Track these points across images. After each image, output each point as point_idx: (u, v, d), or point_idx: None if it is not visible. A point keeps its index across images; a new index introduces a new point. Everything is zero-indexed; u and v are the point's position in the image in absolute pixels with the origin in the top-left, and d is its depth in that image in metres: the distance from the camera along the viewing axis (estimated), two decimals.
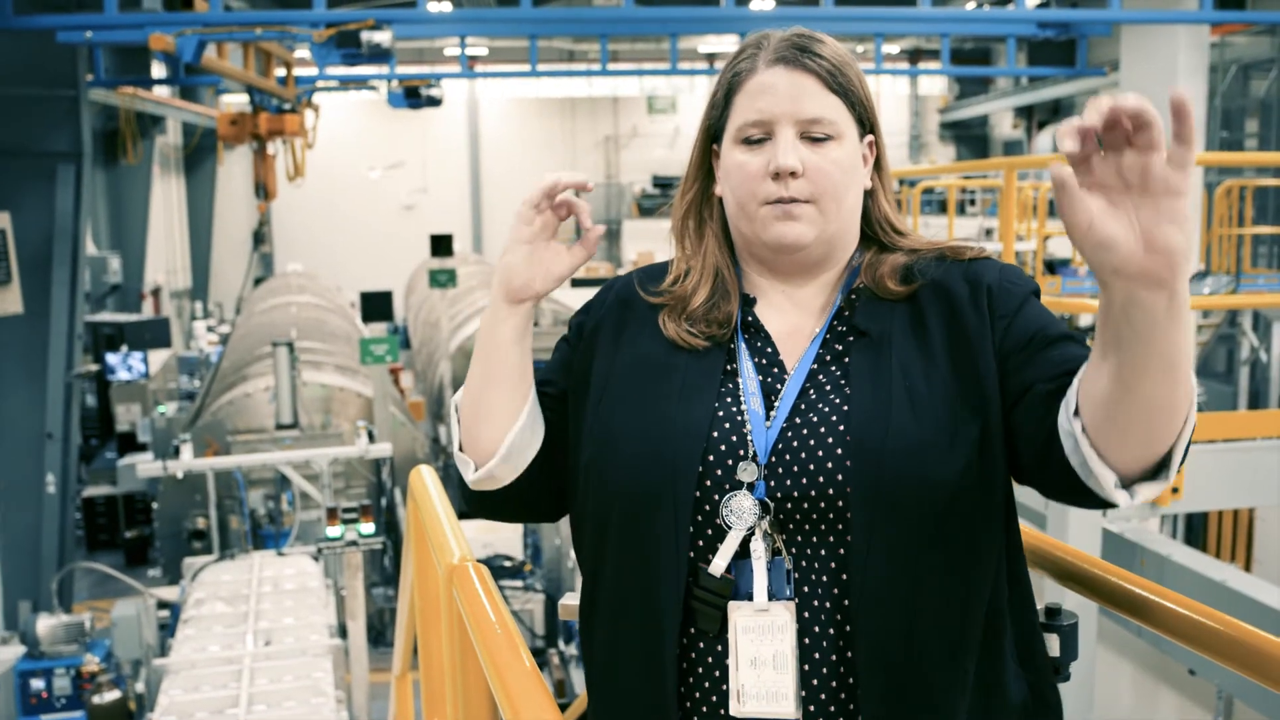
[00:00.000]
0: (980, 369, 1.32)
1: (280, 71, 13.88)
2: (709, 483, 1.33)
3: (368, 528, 6.64)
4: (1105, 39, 13.32)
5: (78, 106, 9.61)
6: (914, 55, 28.29)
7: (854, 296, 1.43)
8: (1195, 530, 7.80)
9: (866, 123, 1.44)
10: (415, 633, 2.37)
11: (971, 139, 29.19)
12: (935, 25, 13.30)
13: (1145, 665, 5.81)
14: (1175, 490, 4.34)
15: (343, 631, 6.40)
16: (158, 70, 15.25)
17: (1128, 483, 1.19)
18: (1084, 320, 11.26)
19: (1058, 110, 25.38)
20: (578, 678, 7.53)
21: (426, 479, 2.15)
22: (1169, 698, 5.74)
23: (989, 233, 15.74)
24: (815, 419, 1.34)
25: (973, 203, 22.29)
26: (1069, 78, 19.41)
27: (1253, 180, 11.15)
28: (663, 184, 27.33)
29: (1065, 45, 14.62)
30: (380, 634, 9.84)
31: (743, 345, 1.43)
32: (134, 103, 16.18)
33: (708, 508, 1.33)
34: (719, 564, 1.31)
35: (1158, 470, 1.18)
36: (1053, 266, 11.51)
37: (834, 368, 1.38)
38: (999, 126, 28.49)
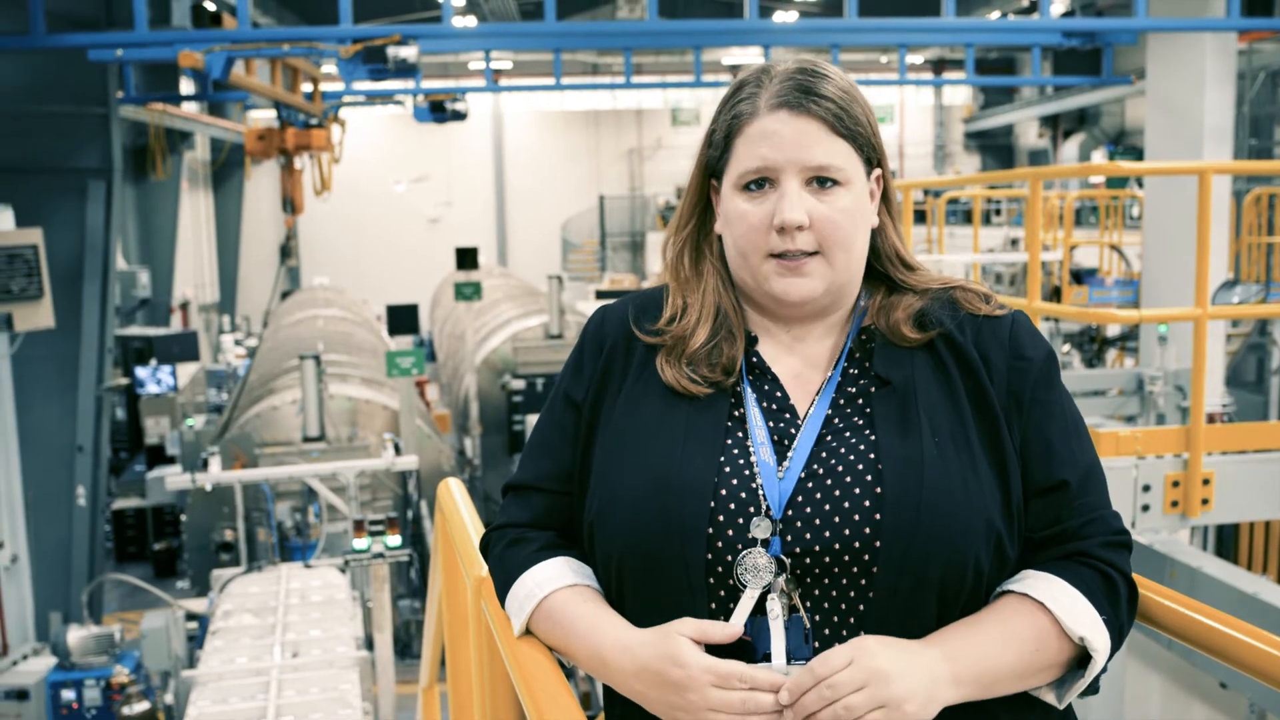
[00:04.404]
0: (1005, 450, 1.29)
1: (307, 87, 13.99)
2: (720, 543, 1.27)
3: (394, 540, 6.64)
4: (1131, 47, 13.24)
5: (108, 123, 9.73)
6: (938, 65, 28.24)
7: (864, 338, 1.38)
8: (1226, 542, 7.72)
9: (874, 159, 1.38)
10: (443, 645, 2.38)
11: (996, 148, 29.11)
12: (960, 35, 13.27)
13: (1175, 678, 5.74)
14: (1205, 502, 4.31)
15: (369, 643, 6.41)
16: (186, 87, 15.42)
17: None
18: (1111, 330, 11.20)
19: (1083, 119, 25.25)
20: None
21: (455, 492, 2.16)
22: (1199, 711, 5.67)
23: (1015, 243, 15.64)
24: (840, 468, 1.28)
25: (998, 213, 22.19)
26: (1095, 86, 19.35)
27: None
28: None
29: (1091, 54, 14.53)
30: (407, 646, 9.86)
31: (749, 390, 1.35)
32: (163, 119, 16.34)
33: (720, 568, 1.27)
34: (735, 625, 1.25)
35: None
36: (1079, 276, 11.44)
37: (852, 414, 1.32)
38: (1024, 136, 28.39)
